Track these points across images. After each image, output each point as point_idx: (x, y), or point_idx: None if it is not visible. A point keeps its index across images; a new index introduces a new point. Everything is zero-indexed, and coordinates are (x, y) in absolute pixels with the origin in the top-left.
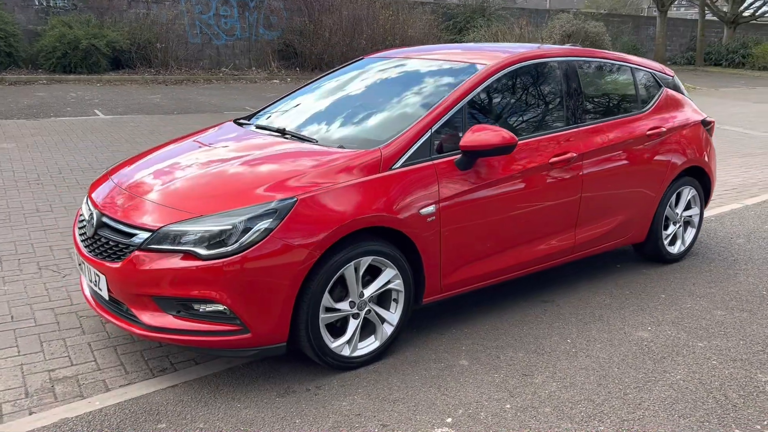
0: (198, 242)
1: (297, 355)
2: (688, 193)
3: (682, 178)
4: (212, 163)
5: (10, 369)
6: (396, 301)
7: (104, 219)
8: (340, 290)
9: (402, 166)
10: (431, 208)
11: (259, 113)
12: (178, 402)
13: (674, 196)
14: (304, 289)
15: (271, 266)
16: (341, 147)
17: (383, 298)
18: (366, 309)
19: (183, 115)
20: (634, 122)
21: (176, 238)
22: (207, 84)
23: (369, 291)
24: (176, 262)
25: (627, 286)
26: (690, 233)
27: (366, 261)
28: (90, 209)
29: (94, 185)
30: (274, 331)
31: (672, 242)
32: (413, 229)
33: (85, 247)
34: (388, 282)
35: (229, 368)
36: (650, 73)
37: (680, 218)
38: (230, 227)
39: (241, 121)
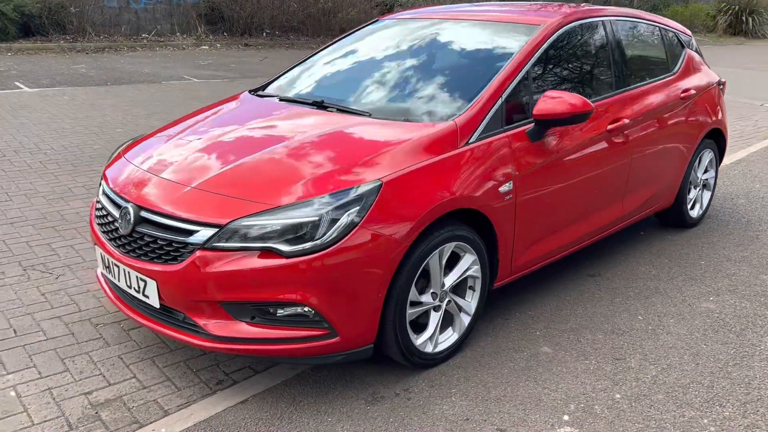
0: (278, 237)
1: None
2: (708, 155)
3: (704, 140)
4: (264, 144)
5: (38, 396)
6: (472, 288)
7: (144, 213)
8: (422, 282)
9: (477, 140)
10: (508, 185)
11: (273, 83)
12: (258, 420)
13: (698, 159)
14: (393, 283)
15: (362, 260)
16: (406, 120)
17: (459, 287)
18: (447, 300)
19: (118, 86)
20: (669, 85)
21: (250, 233)
22: (132, 52)
23: (450, 280)
24: (252, 262)
25: (663, 255)
26: (706, 196)
27: (449, 248)
28: (119, 202)
29: (111, 171)
30: (363, 332)
31: (692, 206)
32: (492, 209)
33: (118, 247)
34: (467, 269)
35: (296, 375)
36: (675, 33)
37: (700, 181)
38: (316, 218)
39: (261, 93)
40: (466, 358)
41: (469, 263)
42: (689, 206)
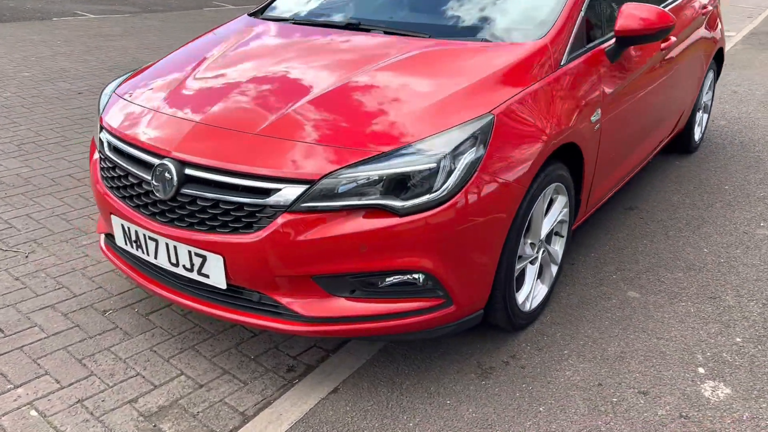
0: (387, 192)
1: None
2: (711, 75)
3: (710, 60)
4: (325, 77)
5: (69, 413)
6: (559, 234)
7: (192, 171)
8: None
9: (567, 62)
10: (597, 113)
11: (274, 4)
12: (365, 413)
13: (706, 79)
14: (507, 236)
15: (482, 212)
16: (483, 41)
17: (548, 234)
18: (542, 250)
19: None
20: (693, 0)
21: (353, 189)
22: None
23: (546, 227)
24: (358, 224)
25: (685, 181)
26: (705, 119)
27: (551, 190)
28: (145, 158)
29: (117, 118)
30: (477, 297)
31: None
32: (585, 141)
33: (153, 215)
34: (560, 213)
35: (379, 351)
36: None
37: (702, 103)
38: (432, 165)
39: (268, 16)
40: (556, 313)
41: (562, 206)
42: (695, 129)
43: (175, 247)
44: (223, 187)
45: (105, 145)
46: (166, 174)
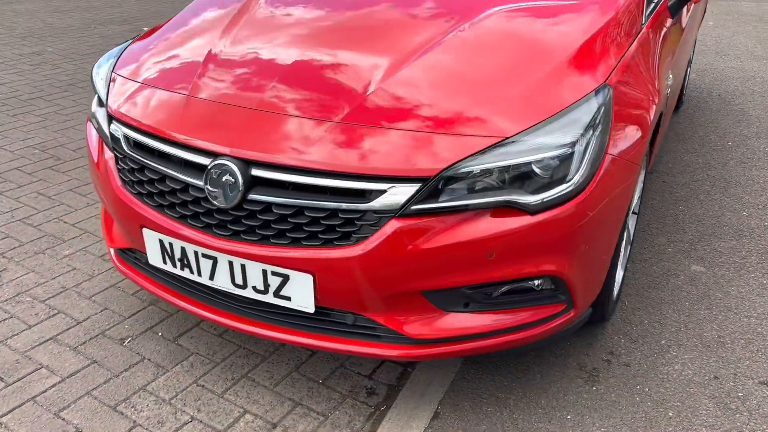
0: (515, 184)
1: None
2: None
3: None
4: (401, 42)
5: None
6: (633, 210)
7: (259, 171)
8: None
9: (646, 19)
10: (670, 76)
11: None
12: None
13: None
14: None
15: (611, 200)
16: None
17: None
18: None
19: None
20: None
21: (477, 183)
22: None
23: (635, 204)
24: (485, 225)
25: (689, 141)
26: (689, 73)
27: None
28: (190, 158)
29: (136, 107)
30: (592, 295)
31: None
32: (665, 108)
33: (210, 227)
34: (641, 186)
35: (463, 360)
36: None
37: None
38: (568, 149)
39: None
40: (632, 297)
41: (642, 178)
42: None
43: (242, 266)
44: (307, 190)
45: (123, 141)
46: (227, 177)
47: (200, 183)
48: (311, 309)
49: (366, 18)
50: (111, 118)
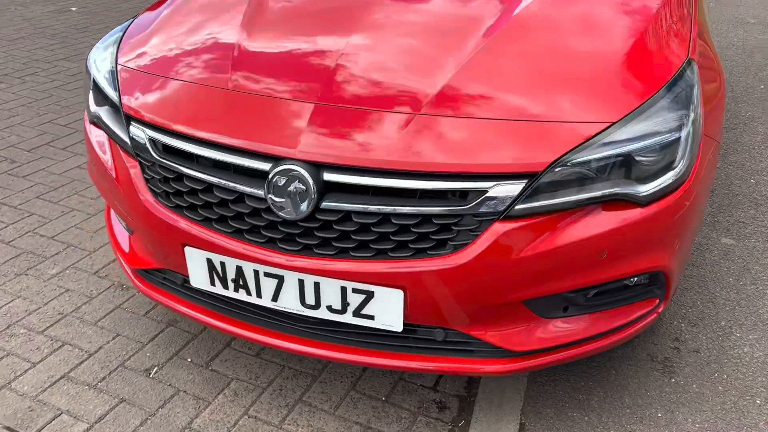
0: (624, 174)
1: None
2: None
3: None
4: (466, 16)
5: None
6: None
7: (332, 175)
8: None
9: None
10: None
11: None
12: None
13: None
14: None
15: (706, 183)
16: None
17: None
18: None
19: None
20: None
21: (586, 174)
22: None
23: None
24: (596, 223)
25: None
26: None
27: None
28: (244, 163)
29: (151, 103)
30: (677, 284)
31: None
32: None
33: (281, 243)
34: None
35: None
36: None
37: None
38: (676, 133)
39: None
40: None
41: None
42: None
43: (316, 285)
44: (392, 194)
45: (150, 146)
46: (296, 184)
47: (260, 193)
48: (399, 328)
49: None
50: (128, 119)
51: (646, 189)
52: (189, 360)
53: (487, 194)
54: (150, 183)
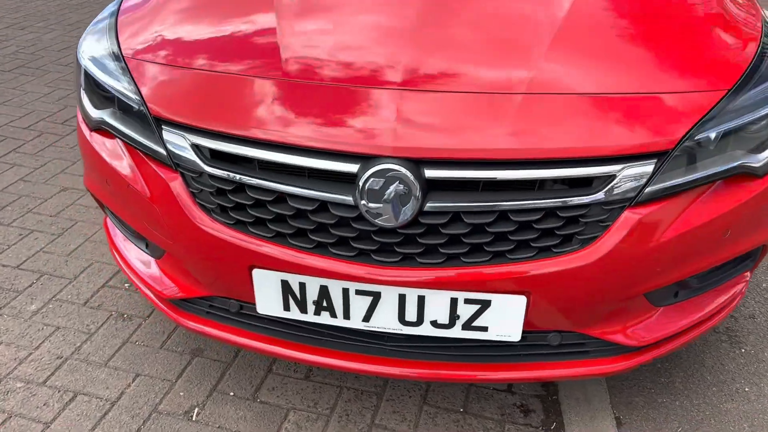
0: (740, 145)
1: None
2: None
3: None
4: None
5: None
6: None
7: (435, 172)
8: None
9: None
10: None
11: None
12: None
13: None
14: None
15: None
16: None
17: None
18: None
19: None
20: None
21: (711, 148)
22: None
23: None
24: (721, 200)
25: None
26: None
27: None
28: (329, 165)
29: (190, 105)
30: None
31: None
32: None
33: (376, 255)
34: None
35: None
36: None
37: None
38: None
39: None
40: None
41: None
42: None
43: (420, 299)
44: (505, 188)
45: (196, 153)
46: (396, 186)
47: (348, 199)
48: (517, 337)
49: None
50: (158, 123)
51: (761, 159)
52: (232, 394)
53: (617, 179)
54: (199, 197)
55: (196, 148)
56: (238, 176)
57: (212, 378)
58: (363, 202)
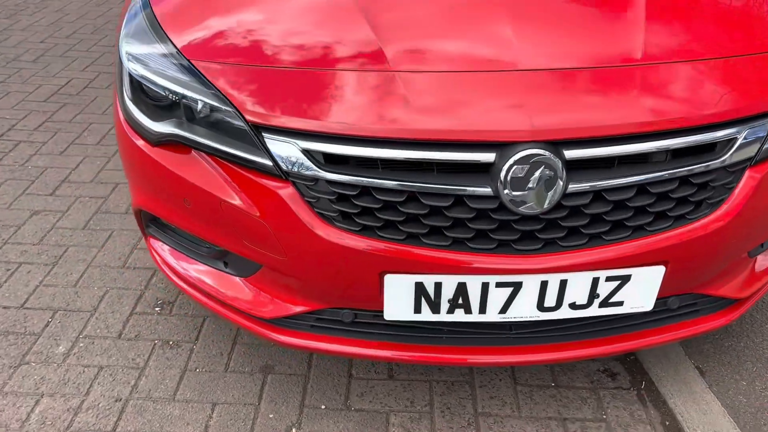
0: None
1: None
2: None
3: None
4: None
5: None
6: None
7: (574, 151)
8: None
9: None
10: None
11: None
12: None
13: None
14: None
15: None
16: None
17: None
18: None
19: None
20: None
21: None
22: None
23: None
24: None
25: None
26: None
27: None
28: (464, 157)
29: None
30: None
31: None
32: None
33: (517, 243)
34: None
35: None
36: None
37: None
38: None
39: None
40: None
41: None
42: None
43: (562, 283)
44: (637, 161)
45: (309, 159)
46: (542, 171)
47: (486, 190)
48: (649, 306)
49: None
50: (257, 131)
51: None
52: (323, 407)
53: (738, 141)
54: (317, 206)
55: (307, 153)
56: (362, 179)
57: (296, 394)
58: (506, 191)
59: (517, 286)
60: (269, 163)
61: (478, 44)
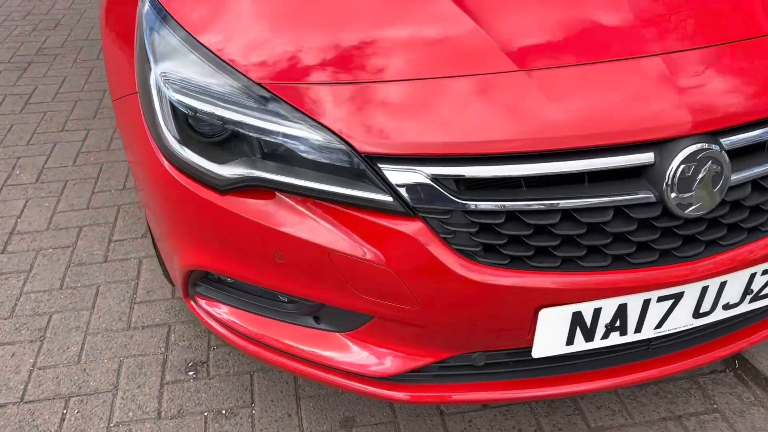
0: None
1: None
2: None
3: None
4: None
5: None
6: None
7: (730, 138)
8: None
9: None
10: None
11: None
12: None
13: None
14: None
15: None
16: None
17: None
18: None
19: None
20: None
21: None
22: None
23: None
24: None
25: None
26: None
27: None
28: (617, 162)
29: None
30: None
31: None
32: None
33: (677, 252)
34: None
35: None
36: None
37: None
38: None
39: None
40: None
41: None
42: None
43: (721, 285)
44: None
45: (441, 188)
46: (709, 167)
47: (648, 195)
48: None
49: None
50: (370, 162)
51: None
52: None
53: None
54: (454, 242)
55: (437, 181)
56: (507, 203)
57: None
58: (673, 194)
59: (677, 297)
60: (389, 198)
61: (601, 30)
